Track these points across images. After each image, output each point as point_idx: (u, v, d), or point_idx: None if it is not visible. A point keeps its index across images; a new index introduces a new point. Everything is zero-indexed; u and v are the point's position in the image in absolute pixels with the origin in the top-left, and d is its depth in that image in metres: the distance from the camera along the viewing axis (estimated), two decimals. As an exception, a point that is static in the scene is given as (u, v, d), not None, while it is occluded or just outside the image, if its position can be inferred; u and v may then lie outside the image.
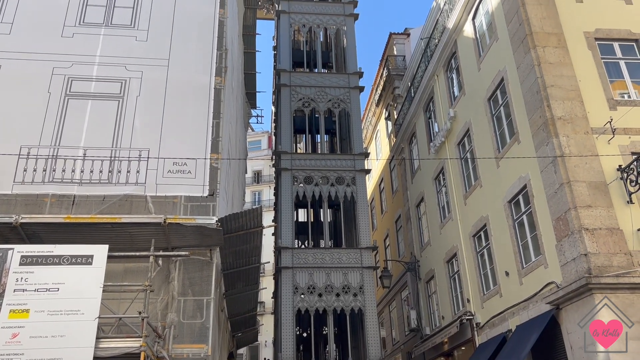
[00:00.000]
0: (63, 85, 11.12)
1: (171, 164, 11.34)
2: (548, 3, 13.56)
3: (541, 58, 12.75)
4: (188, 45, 12.55)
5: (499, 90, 14.89)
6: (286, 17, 22.48)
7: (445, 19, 18.87)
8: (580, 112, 12.16)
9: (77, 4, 12.06)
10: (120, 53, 11.80)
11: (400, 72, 26.17)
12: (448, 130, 18.16)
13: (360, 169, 19.38)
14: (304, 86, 21.06)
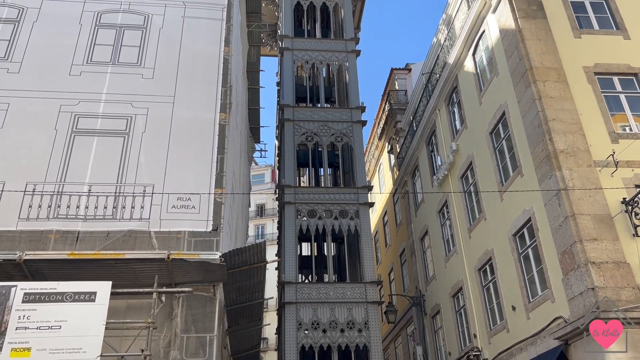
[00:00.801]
0: (70, 123, 11.28)
1: (175, 199, 11.37)
2: (547, 39, 13.80)
3: (542, 92, 12.90)
4: (193, 82, 12.75)
5: (500, 123, 15.01)
6: (289, 54, 22.88)
7: (446, 55, 19.18)
8: (583, 145, 12.22)
9: (85, 44, 12.34)
10: (127, 90, 12.00)
11: (402, 106, 26.45)
12: (451, 163, 18.22)
13: (363, 202, 19.36)
14: (307, 121, 21.25)
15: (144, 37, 12.78)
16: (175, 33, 12.99)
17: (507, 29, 14.47)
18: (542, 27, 13.96)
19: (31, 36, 12.23)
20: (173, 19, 13.16)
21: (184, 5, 13.37)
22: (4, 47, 11.97)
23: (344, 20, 24.12)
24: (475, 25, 16.50)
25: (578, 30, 14.12)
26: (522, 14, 14.11)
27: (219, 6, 13.58)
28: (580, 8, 14.64)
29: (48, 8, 12.71)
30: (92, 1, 13.08)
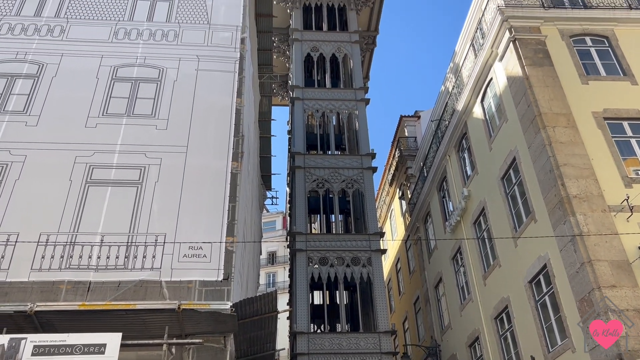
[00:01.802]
0: (84, 173, 11.46)
1: (187, 248, 11.35)
2: (554, 85, 13.96)
3: (552, 138, 12.94)
4: (206, 132, 12.96)
5: (511, 169, 15.00)
6: (300, 103, 23.30)
7: (454, 102, 19.41)
8: (596, 190, 12.13)
9: (101, 97, 12.68)
10: (141, 141, 12.22)
11: (412, 152, 26.59)
12: (463, 209, 18.12)
13: (375, 249, 19.19)
14: (318, 168, 21.40)
15: (158, 89, 13.11)
16: (189, 85, 13.32)
17: (515, 76, 14.68)
18: (549, 74, 14.15)
19: (50, 90, 12.61)
20: (187, 72, 13.52)
21: (197, 59, 13.77)
22: (23, 102, 12.34)
23: (353, 70, 24.65)
24: (483, 73, 16.77)
25: (585, 76, 14.29)
26: (529, 62, 14.34)
27: (231, 59, 13.97)
28: (586, 55, 14.88)
29: (67, 63, 13.16)
30: (109, 56, 13.52)
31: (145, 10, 14.67)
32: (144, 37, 14.07)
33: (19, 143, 11.69)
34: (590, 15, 15.52)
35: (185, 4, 15.00)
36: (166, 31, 14.30)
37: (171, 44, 14.10)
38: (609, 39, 15.24)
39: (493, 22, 15.71)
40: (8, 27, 13.67)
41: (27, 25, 13.81)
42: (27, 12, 14.06)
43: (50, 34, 13.71)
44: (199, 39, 14.28)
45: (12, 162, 11.37)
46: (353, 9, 27.17)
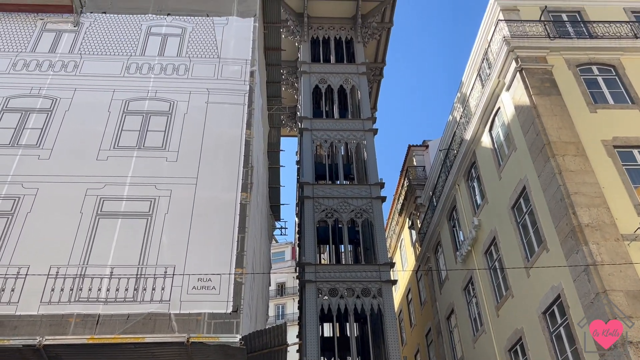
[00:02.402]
0: (95, 206, 11.54)
1: (196, 280, 11.30)
2: (562, 114, 13.99)
3: (561, 166, 12.89)
4: (216, 163, 13.05)
5: (522, 198, 14.91)
6: (308, 134, 23.46)
7: (462, 131, 19.47)
8: (608, 218, 12.00)
9: (113, 130, 12.86)
10: (151, 173, 12.32)
11: (421, 181, 26.57)
12: (474, 239, 17.96)
13: (386, 279, 18.98)
14: (327, 197, 21.39)
15: (169, 122, 13.28)
16: (199, 118, 13.49)
17: (522, 105, 14.73)
18: (557, 103, 14.19)
19: (62, 124, 12.82)
20: (197, 105, 13.71)
21: (207, 92, 13.97)
22: (36, 135, 12.54)
23: (361, 101, 24.87)
24: (490, 103, 16.85)
25: (593, 105, 14.32)
26: (536, 91, 14.41)
27: (241, 92, 14.16)
28: (593, 84, 14.94)
29: (79, 97, 13.40)
30: (121, 90, 13.77)
31: (157, 45, 14.99)
32: (155, 71, 14.34)
33: (31, 176, 11.83)
34: (596, 44, 15.64)
35: (196, 38, 15.32)
36: (177, 65, 14.58)
37: (182, 77, 14.35)
38: (615, 68, 15.32)
39: (499, 53, 15.87)
40: (23, 63, 14.00)
41: (42, 62, 14.15)
42: (42, 49, 14.43)
43: (64, 69, 14.03)
44: (209, 73, 14.53)
45: (25, 195, 11.49)
46: (360, 42, 27.59)
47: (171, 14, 15.89)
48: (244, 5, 16.25)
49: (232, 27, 15.67)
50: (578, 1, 17.57)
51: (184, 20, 15.76)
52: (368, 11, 28.00)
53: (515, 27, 16.04)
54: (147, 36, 15.19)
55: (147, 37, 15.17)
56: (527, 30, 15.99)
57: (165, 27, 15.50)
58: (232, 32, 15.57)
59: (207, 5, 16.22)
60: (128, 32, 15.21)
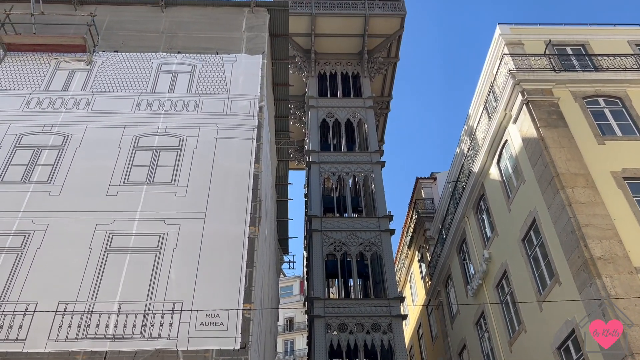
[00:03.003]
0: (104, 241, 11.56)
1: (204, 316, 11.19)
2: (570, 146, 13.98)
3: (571, 198, 12.81)
4: (224, 198, 13.09)
5: (532, 230, 14.78)
6: (316, 167, 23.58)
7: (470, 164, 19.47)
8: (621, 251, 11.84)
9: (123, 166, 12.99)
10: (160, 208, 12.36)
11: (430, 214, 26.45)
12: (484, 272, 17.75)
13: (396, 314, 18.72)
14: (335, 230, 21.33)
15: (178, 157, 13.41)
16: (208, 153, 13.61)
17: (530, 137, 14.76)
18: (564, 135, 14.21)
19: (73, 160, 12.97)
20: (206, 140, 13.85)
21: (217, 127, 14.14)
22: (47, 172, 12.68)
23: (368, 134, 25.04)
24: (498, 135, 16.90)
25: (601, 137, 14.32)
26: (543, 124, 14.46)
27: (249, 127, 14.32)
28: (600, 116, 14.98)
29: (91, 134, 13.60)
30: (132, 126, 13.96)
31: (167, 82, 15.27)
32: (166, 108, 14.56)
33: (41, 212, 11.91)
34: (601, 77, 15.75)
35: (205, 75, 15.60)
36: (187, 101, 14.81)
37: (191, 113, 14.55)
38: (622, 100, 15.37)
39: (505, 86, 16.00)
40: (37, 102, 14.29)
41: (55, 99, 14.43)
42: (56, 87, 14.73)
43: (76, 107, 14.28)
44: (219, 108, 14.73)
45: (34, 231, 11.54)
46: (366, 76, 27.97)
47: (181, 52, 16.24)
48: (253, 43, 16.59)
49: (241, 64, 15.97)
50: (582, 35, 17.79)
51: (194, 57, 16.09)
52: (374, 47, 28.48)
53: (521, 61, 16.22)
54: (157, 74, 15.49)
55: (158, 74, 15.48)
56: (532, 63, 16.16)
57: (176, 65, 15.82)
58: (241, 68, 15.85)
59: (216, 43, 16.58)
60: (139, 69, 15.53)
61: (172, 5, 17.63)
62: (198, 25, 17.25)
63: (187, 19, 17.36)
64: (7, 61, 15.34)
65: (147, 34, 16.74)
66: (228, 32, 17.00)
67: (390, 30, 28.10)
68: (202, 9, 17.68)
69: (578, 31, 18.02)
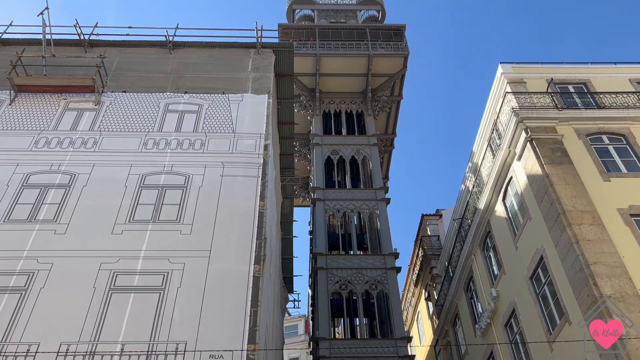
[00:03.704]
0: (108, 280, 11.48)
1: (207, 357, 11.01)
2: (576, 182, 13.95)
3: (578, 236, 12.70)
4: (229, 236, 13.06)
5: (540, 268, 14.61)
6: (321, 204, 23.58)
7: (475, 201, 19.42)
8: (631, 289, 11.66)
9: (129, 204, 13.02)
10: (165, 247, 12.33)
11: (436, 251, 26.24)
12: (492, 311, 17.45)
13: (403, 354, 18.36)
14: (340, 268, 21.16)
15: (184, 195, 13.45)
16: (214, 191, 13.66)
17: (535, 175, 14.76)
18: (569, 172, 14.21)
19: (80, 199, 13.02)
20: (212, 178, 13.93)
21: (222, 165, 14.23)
22: (54, 211, 12.73)
23: (373, 171, 25.14)
24: (502, 172, 16.91)
25: (606, 173, 14.31)
26: (548, 161, 14.48)
27: (255, 165, 14.41)
28: (604, 153, 15.00)
29: (97, 173, 13.70)
30: (138, 165, 14.07)
31: (174, 121, 15.48)
32: (172, 147, 14.71)
33: (46, 251, 11.89)
34: (604, 114, 15.86)
35: (212, 114, 15.82)
36: (193, 140, 14.96)
37: (197, 152, 14.68)
38: (626, 137, 15.42)
39: (508, 123, 16.11)
40: (45, 141, 14.47)
41: (63, 139, 14.61)
42: (64, 127, 14.94)
43: (84, 146, 14.45)
44: (224, 147, 14.86)
45: (39, 271, 11.49)
46: (370, 114, 28.28)
47: (188, 92, 16.51)
48: (259, 83, 16.88)
49: (247, 104, 16.20)
50: (583, 73, 18.01)
51: (201, 97, 16.35)
52: (377, 86, 28.91)
53: (523, 99, 16.39)
54: (164, 113, 15.72)
55: (165, 114, 15.70)
56: (534, 101, 16.31)
57: (183, 105, 16.07)
58: (247, 108, 16.07)
59: (223, 83, 16.88)
60: (146, 109, 15.77)
61: (179, 47, 18.04)
62: (205, 66, 17.60)
63: (195, 60, 17.74)
64: (18, 102, 15.63)
65: (155, 75, 17.08)
66: (234, 72, 17.33)
67: (393, 70, 28.56)
68: (209, 50, 18.08)
69: (579, 70, 18.25)
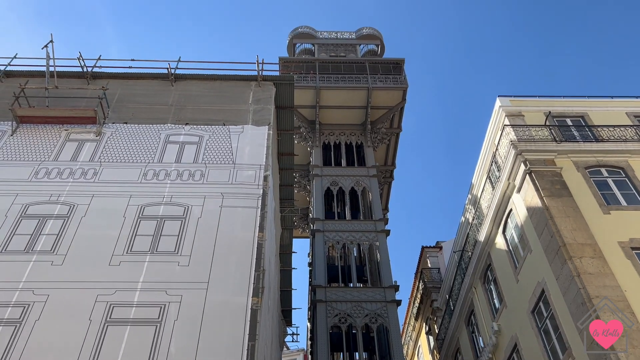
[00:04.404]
0: (104, 313, 11.29)
1: (203, 394, 10.77)
2: (576, 215, 13.93)
3: (579, 269, 12.60)
4: (227, 267, 12.93)
5: (541, 302, 14.45)
6: (321, 235, 23.48)
7: (475, 233, 19.34)
8: (635, 324, 11.49)
9: (127, 235, 12.93)
10: (163, 278, 12.19)
11: (437, 284, 26.00)
12: (494, 345, 17.18)
13: (403, 391, 17.96)
14: (340, 301, 20.94)
15: (182, 226, 13.38)
16: (213, 222, 13.59)
17: (534, 207, 14.74)
18: (569, 205, 14.19)
19: (78, 230, 12.93)
20: (211, 209, 13.88)
21: (222, 196, 14.21)
22: (51, 241, 12.62)
23: (372, 203, 25.12)
24: (502, 205, 16.90)
25: (606, 206, 14.29)
26: (547, 193, 14.48)
27: (254, 195, 14.39)
28: (603, 185, 15.03)
29: (96, 203, 13.65)
30: (137, 195, 14.04)
31: (175, 152, 15.52)
32: (172, 177, 14.72)
33: (43, 282, 11.73)
34: (602, 147, 15.95)
35: (212, 146, 15.88)
36: (193, 171, 14.99)
37: (197, 182, 14.68)
38: (624, 170, 15.47)
39: (507, 156, 16.18)
40: (45, 172, 14.48)
41: (63, 169, 14.62)
42: (64, 157, 14.97)
43: (84, 177, 14.45)
44: (224, 178, 14.87)
45: (34, 302, 11.32)
46: (370, 146, 28.44)
47: (189, 124, 16.62)
48: (259, 115, 17.01)
49: (248, 135, 16.29)
50: (581, 107, 18.20)
51: (201, 129, 16.45)
52: (377, 118, 29.16)
53: (522, 132, 16.50)
54: (165, 144, 15.78)
55: (166, 145, 15.77)
56: (533, 134, 16.42)
57: (183, 136, 16.15)
58: (247, 139, 16.15)
59: (224, 115, 17.01)
60: (147, 140, 15.84)
61: (181, 79, 18.26)
62: (206, 97, 17.77)
63: (196, 92, 17.92)
64: (20, 132, 15.71)
65: (157, 106, 17.22)
66: (235, 104, 17.48)
67: (392, 103, 28.86)
68: (210, 83, 18.29)
69: (577, 103, 18.45)
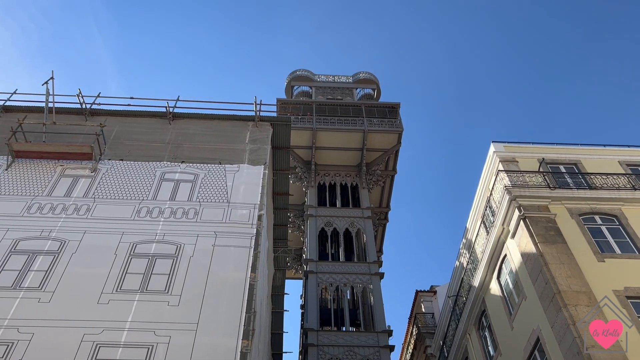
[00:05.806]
0: (90, 353, 10.89)
1: None
2: (570, 262, 13.88)
3: (575, 317, 12.47)
4: (218, 308, 12.69)
5: (536, 350, 14.22)
6: (314, 277, 23.22)
7: (470, 278, 19.19)
8: (631, 375, 11.28)
9: (117, 273, 12.71)
10: (151, 318, 11.92)
11: (431, 329, 25.60)
12: (489, 395, 16.77)
13: None
14: (332, 346, 20.52)
15: (174, 265, 13.19)
16: (205, 261, 13.42)
17: (529, 253, 14.69)
18: (563, 252, 14.16)
19: (68, 266, 12.71)
20: (204, 248, 13.72)
21: (215, 235, 14.09)
22: (40, 278, 12.38)
23: (367, 245, 24.98)
24: (496, 250, 16.84)
25: (600, 254, 14.27)
26: (541, 239, 14.46)
27: (248, 235, 14.27)
28: (598, 233, 15.04)
29: (88, 240, 13.48)
30: (130, 232, 13.89)
31: (169, 190, 15.46)
32: (165, 215, 14.62)
33: (28, 320, 11.43)
34: (596, 195, 16.04)
35: (207, 184, 15.85)
36: (187, 209, 14.90)
37: (190, 220, 14.58)
38: (618, 218, 15.52)
39: (502, 201, 16.23)
40: (38, 207, 14.36)
41: (56, 205, 14.51)
42: (58, 193, 14.88)
43: (77, 213, 14.33)
44: (218, 216, 14.78)
45: (18, 341, 10.99)
46: (365, 188, 28.52)
47: (185, 162, 16.64)
48: (255, 155, 17.08)
49: (243, 174, 16.29)
50: (574, 154, 18.41)
51: (197, 167, 16.46)
52: (372, 160, 29.36)
53: (516, 177, 16.61)
54: (160, 182, 15.75)
55: (161, 182, 15.73)
56: (527, 180, 16.53)
57: (179, 174, 16.14)
58: (243, 178, 16.15)
59: (220, 154, 17.06)
60: (142, 177, 15.80)
61: (179, 118, 18.39)
62: (203, 136, 17.86)
63: (193, 131, 18.02)
64: (14, 167, 15.66)
65: (153, 144, 17.26)
66: (232, 143, 17.57)
67: (387, 145, 29.12)
68: (208, 122, 18.42)
69: (570, 150, 18.67)
